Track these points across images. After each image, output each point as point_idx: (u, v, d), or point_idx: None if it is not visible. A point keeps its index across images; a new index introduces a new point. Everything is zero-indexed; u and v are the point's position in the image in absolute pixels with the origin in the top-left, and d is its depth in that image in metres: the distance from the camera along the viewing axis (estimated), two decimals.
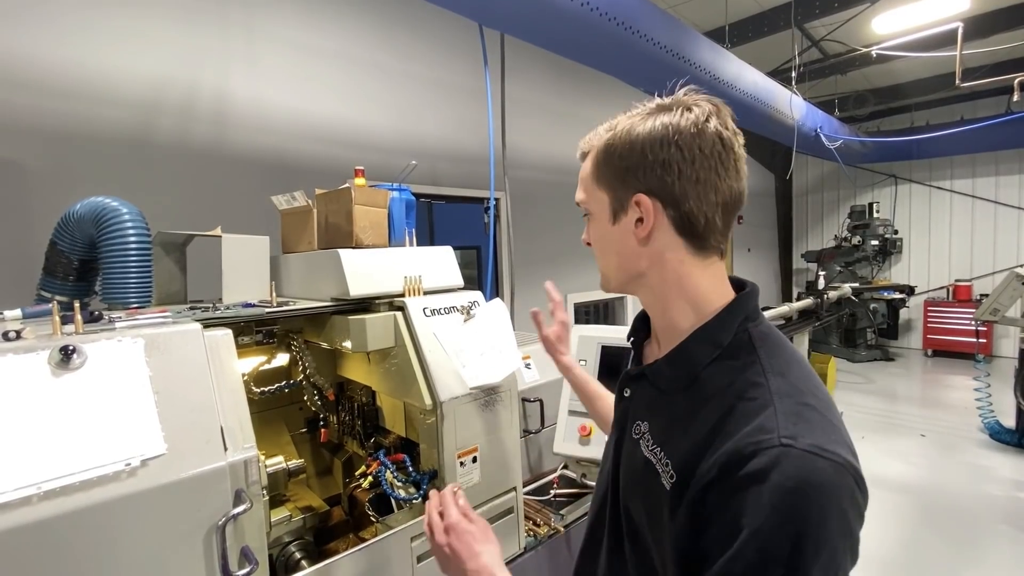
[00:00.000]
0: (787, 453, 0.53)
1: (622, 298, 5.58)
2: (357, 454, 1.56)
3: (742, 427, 0.57)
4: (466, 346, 1.30)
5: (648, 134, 0.65)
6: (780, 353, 0.65)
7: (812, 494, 0.52)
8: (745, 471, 0.54)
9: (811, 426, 0.56)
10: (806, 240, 9.00)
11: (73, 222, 1.28)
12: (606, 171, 0.70)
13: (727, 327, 0.66)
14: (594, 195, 0.73)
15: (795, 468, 0.53)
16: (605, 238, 0.73)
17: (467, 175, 3.90)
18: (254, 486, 0.93)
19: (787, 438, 0.54)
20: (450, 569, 0.81)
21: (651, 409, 0.71)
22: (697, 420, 0.62)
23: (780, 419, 0.56)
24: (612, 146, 0.69)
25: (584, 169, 0.75)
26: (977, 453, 4.20)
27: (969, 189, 7.55)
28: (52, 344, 0.83)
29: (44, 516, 0.73)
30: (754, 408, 0.58)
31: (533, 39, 2.68)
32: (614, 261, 0.73)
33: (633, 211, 0.68)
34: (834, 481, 0.53)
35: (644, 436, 0.69)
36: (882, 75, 6.47)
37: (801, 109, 4.88)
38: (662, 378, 0.69)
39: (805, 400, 0.59)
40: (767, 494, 0.52)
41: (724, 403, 0.61)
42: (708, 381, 0.64)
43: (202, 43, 2.67)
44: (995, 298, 4.03)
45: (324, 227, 1.48)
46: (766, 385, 0.60)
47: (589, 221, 0.76)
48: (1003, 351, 7.13)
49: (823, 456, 0.54)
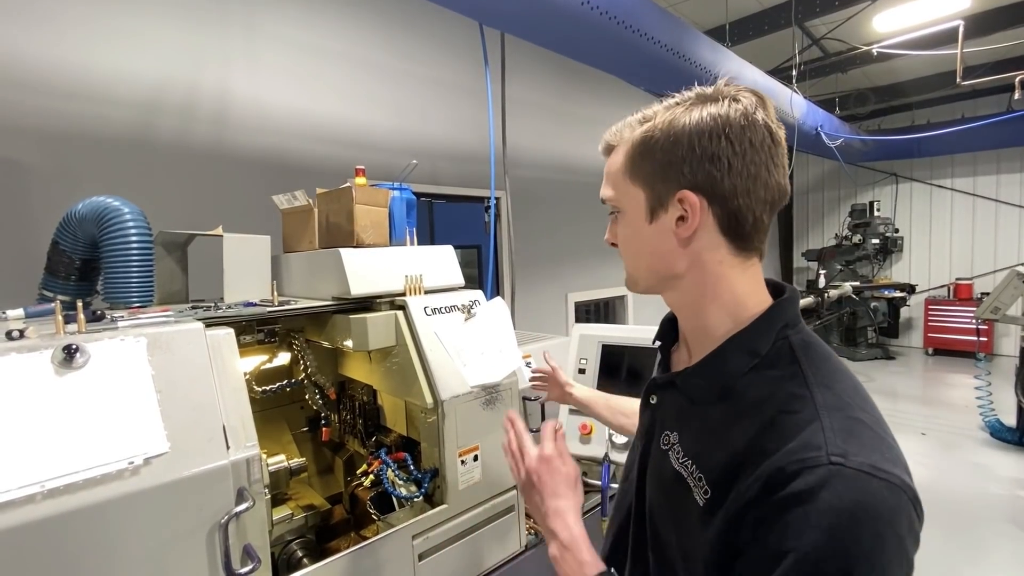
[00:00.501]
0: (839, 472, 0.49)
1: (623, 297, 5.57)
2: (358, 453, 1.57)
3: (786, 442, 0.52)
4: (467, 345, 1.30)
5: (696, 125, 0.60)
6: (824, 363, 0.60)
7: (865, 518, 0.47)
8: (790, 490, 0.49)
9: (862, 443, 0.52)
10: (807, 239, 8.99)
11: (75, 222, 1.28)
12: (644, 166, 0.64)
13: (766, 335, 0.61)
14: (626, 192, 0.67)
15: (847, 489, 0.48)
16: (638, 238, 0.67)
17: (468, 174, 3.90)
18: (256, 484, 0.94)
19: (837, 456, 0.50)
20: (530, 499, 0.80)
21: (681, 419, 0.67)
22: (733, 434, 0.57)
23: (828, 435, 0.52)
24: (652, 139, 0.63)
25: (613, 163, 0.69)
26: (978, 452, 4.20)
27: (970, 187, 7.53)
28: (55, 343, 0.83)
29: (48, 514, 0.73)
30: (798, 422, 0.54)
31: (533, 38, 2.68)
32: (646, 262, 0.67)
33: (674, 209, 0.62)
34: (890, 504, 0.49)
35: (673, 448, 0.65)
36: (883, 73, 6.46)
37: (802, 108, 4.88)
38: (693, 387, 0.65)
39: (854, 415, 0.55)
40: (815, 516, 0.48)
41: (763, 416, 0.56)
42: (745, 392, 0.60)
43: (203, 43, 2.67)
44: (996, 296, 4.03)
45: (325, 226, 1.48)
46: (810, 397, 0.55)
47: (617, 219, 0.70)
48: (1004, 349, 7.12)
49: (877, 476, 0.49)
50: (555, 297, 4.83)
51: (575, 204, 4.85)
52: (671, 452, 0.65)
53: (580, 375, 1.69)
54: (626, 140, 0.67)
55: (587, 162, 4.98)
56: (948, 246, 7.77)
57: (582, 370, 1.69)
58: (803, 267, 8.74)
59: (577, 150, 4.89)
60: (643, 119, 0.66)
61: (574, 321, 4.89)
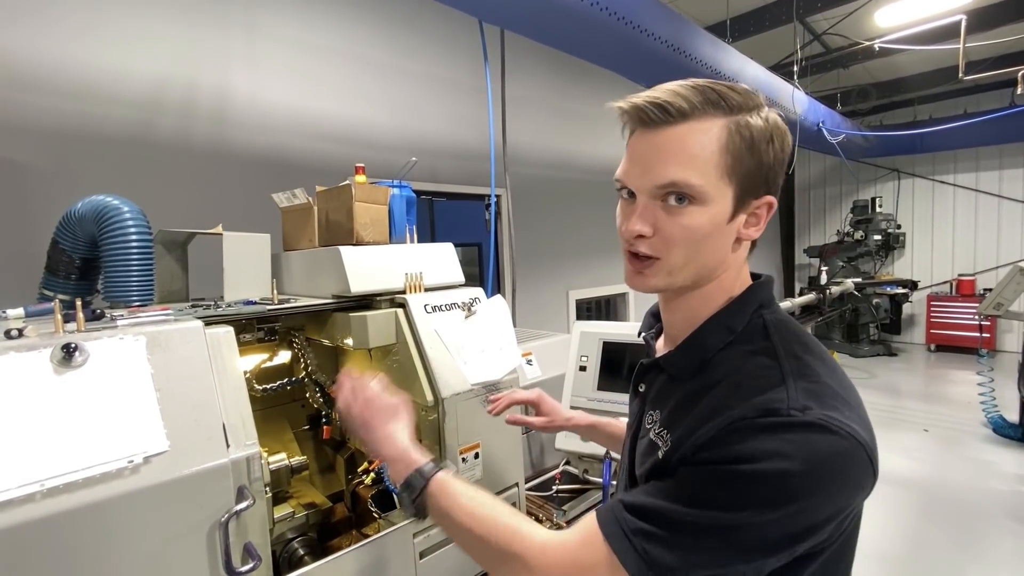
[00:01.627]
0: (794, 421, 0.52)
1: (624, 294, 5.57)
2: (359, 451, 1.57)
3: (750, 398, 0.55)
4: (467, 343, 1.30)
5: (787, 131, 0.63)
6: (796, 339, 0.62)
7: (815, 460, 0.51)
8: (746, 427, 0.53)
9: (823, 402, 0.54)
10: (808, 235, 8.97)
11: (74, 221, 1.28)
12: (748, 161, 0.60)
13: (741, 313, 0.65)
14: (717, 182, 0.60)
15: (801, 437, 0.51)
16: (712, 235, 0.62)
17: (468, 172, 3.90)
18: (256, 483, 0.93)
19: (796, 410, 0.52)
20: (366, 437, 0.85)
21: (662, 397, 0.69)
22: (702, 399, 0.60)
23: (791, 393, 0.54)
24: (763, 137, 0.60)
25: (697, 144, 0.59)
26: (980, 448, 4.19)
27: (972, 183, 7.51)
28: (54, 342, 0.83)
29: (47, 513, 0.73)
30: (763, 386, 0.56)
31: (532, 34, 2.67)
32: (704, 259, 0.63)
33: (749, 209, 0.63)
34: (839, 449, 0.52)
35: (655, 424, 0.68)
36: (885, 69, 6.43)
37: (803, 104, 4.86)
38: (674, 366, 0.68)
39: (820, 380, 0.57)
40: (767, 443, 0.51)
41: (732, 383, 0.59)
42: (719, 365, 0.63)
43: (202, 41, 2.67)
44: (998, 292, 4.01)
45: (325, 224, 1.48)
46: (779, 367, 0.58)
47: (680, 209, 0.60)
48: (1006, 346, 7.10)
49: (831, 426, 0.52)
50: (556, 295, 4.82)
51: (576, 201, 4.84)
52: (652, 429, 0.68)
53: (581, 372, 1.68)
54: (720, 124, 0.59)
55: (588, 159, 4.97)
56: (950, 242, 7.74)
57: (583, 367, 1.68)
58: (805, 264, 8.72)
59: (578, 147, 4.87)
60: (732, 105, 0.59)
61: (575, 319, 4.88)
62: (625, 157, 0.66)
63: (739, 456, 0.52)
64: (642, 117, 0.61)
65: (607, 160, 5.10)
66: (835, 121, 5.72)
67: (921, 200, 7.96)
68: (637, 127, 0.63)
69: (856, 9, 4.63)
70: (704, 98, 0.59)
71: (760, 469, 0.51)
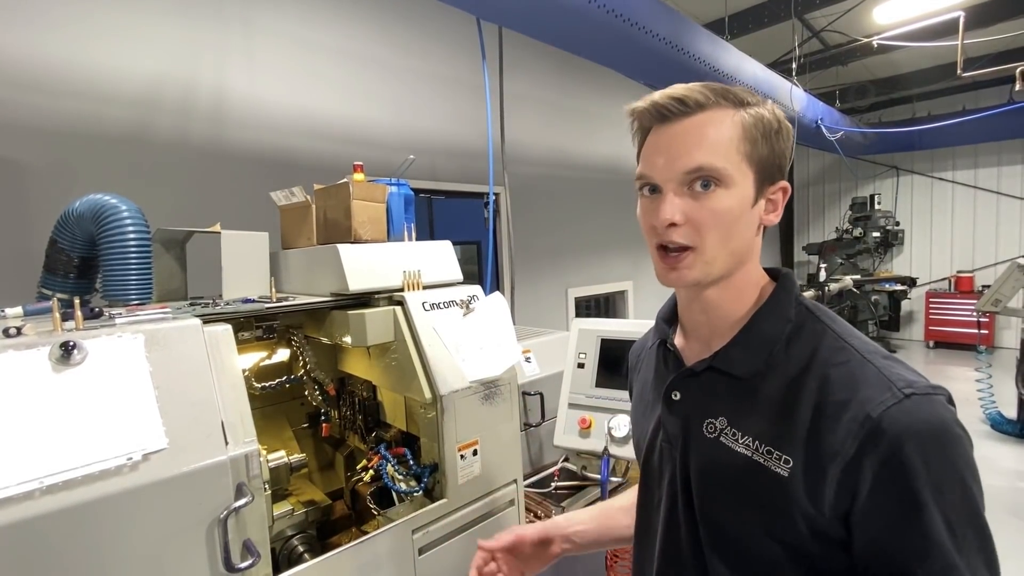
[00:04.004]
0: (916, 400, 0.55)
1: (623, 292, 5.57)
2: (358, 448, 1.57)
3: (853, 392, 0.57)
4: (466, 340, 1.30)
5: (790, 124, 0.67)
6: (838, 319, 0.66)
7: (950, 427, 0.54)
8: (889, 433, 0.53)
9: (909, 371, 0.58)
10: (807, 232, 8.97)
11: (72, 220, 1.28)
12: (763, 147, 0.63)
13: (788, 302, 0.66)
14: (739, 167, 0.62)
15: (928, 411, 0.54)
16: (741, 218, 0.63)
17: (466, 170, 3.90)
18: (255, 480, 0.94)
19: (907, 387, 0.55)
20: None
21: (724, 401, 0.66)
22: (792, 399, 0.60)
23: (886, 373, 0.57)
24: (772, 125, 0.64)
25: (717, 131, 0.61)
26: (979, 444, 4.10)
27: (971, 180, 7.51)
28: (53, 340, 0.83)
29: (46, 510, 0.74)
30: (852, 371, 0.58)
31: (531, 32, 2.66)
32: (734, 245, 0.64)
33: (767, 196, 0.66)
34: (952, 411, 0.56)
35: (725, 432, 0.64)
36: (883, 65, 6.43)
37: (802, 101, 4.86)
38: (736, 364, 0.65)
39: (886, 353, 0.61)
40: (923, 448, 0.53)
41: (816, 374, 0.60)
42: (788, 358, 0.63)
43: (199, 39, 2.66)
44: (997, 289, 4.02)
45: (323, 222, 1.48)
46: (850, 348, 0.61)
47: (707, 194, 0.61)
48: (1005, 342, 7.11)
49: (937, 392, 0.56)
50: (555, 292, 4.82)
51: (575, 199, 4.84)
52: (723, 437, 0.65)
53: (579, 369, 1.69)
54: (734, 114, 0.62)
55: (586, 157, 4.96)
56: (949, 239, 7.75)
57: (581, 364, 1.69)
58: (803, 261, 8.72)
59: (576, 144, 4.87)
60: (737, 99, 0.63)
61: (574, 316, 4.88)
62: (644, 155, 0.66)
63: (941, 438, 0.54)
64: (662, 112, 0.63)
65: (606, 157, 5.10)
66: (834, 118, 5.72)
67: (920, 197, 7.96)
68: (655, 123, 0.65)
69: (855, 6, 4.63)
70: (716, 93, 0.63)
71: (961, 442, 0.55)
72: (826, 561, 0.59)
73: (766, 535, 0.61)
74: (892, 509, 0.53)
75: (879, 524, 0.54)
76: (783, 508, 0.59)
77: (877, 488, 0.54)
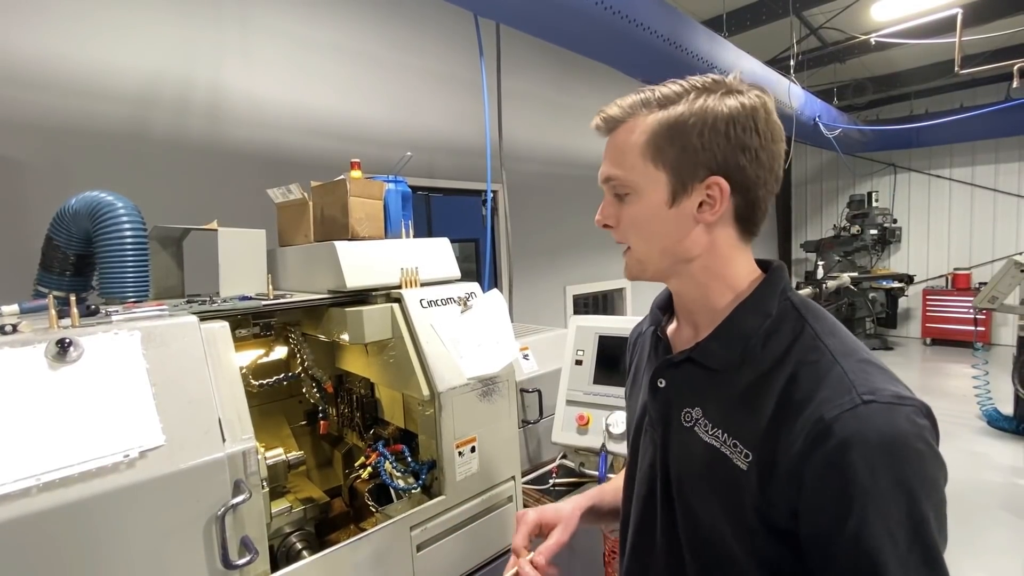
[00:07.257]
0: (874, 408, 0.54)
1: (622, 289, 5.57)
2: (357, 446, 1.57)
3: (815, 392, 0.57)
4: (463, 337, 1.30)
5: (730, 114, 0.62)
6: (824, 317, 0.65)
7: (909, 441, 0.53)
8: (838, 437, 0.53)
9: (879, 379, 0.57)
10: (805, 230, 8.99)
11: (68, 217, 1.27)
12: (671, 149, 0.64)
13: (772, 297, 0.66)
14: (644, 173, 0.65)
15: (886, 421, 0.53)
16: (656, 221, 0.66)
17: (464, 167, 3.89)
18: (253, 477, 0.94)
19: (867, 394, 0.55)
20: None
21: (701, 392, 0.68)
22: (759, 393, 0.61)
23: (851, 377, 0.56)
24: (685, 123, 0.63)
25: (625, 142, 0.66)
26: (975, 440, 4.22)
27: (968, 177, 7.52)
28: (49, 337, 0.83)
29: (43, 507, 0.73)
30: (819, 371, 0.58)
31: (528, 28, 2.66)
32: (660, 245, 0.67)
33: (698, 194, 0.64)
34: (920, 424, 0.55)
35: (699, 422, 0.66)
36: (881, 63, 6.43)
37: (799, 98, 4.86)
38: (712, 356, 0.66)
39: (863, 356, 0.60)
40: (868, 454, 0.52)
41: (785, 371, 0.60)
42: (763, 352, 0.63)
43: (196, 36, 2.65)
44: (994, 286, 4.03)
45: (320, 220, 1.48)
46: (824, 347, 0.60)
47: (624, 200, 0.68)
48: (1001, 339, 7.14)
49: (904, 404, 0.55)
50: (553, 290, 4.83)
51: (573, 196, 4.83)
52: (697, 427, 0.67)
53: (577, 366, 1.69)
54: (645, 121, 0.65)
55: (584, 154, 4.96)
56: (946, 236, 7.77)
57: (579, 361, 1.69)
58: (801, 258, 8.74)
59: (574, 142, 4.87)
60: (662, 100, 0.65)
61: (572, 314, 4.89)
62: None
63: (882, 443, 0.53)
64: (600, 129, 0.70)
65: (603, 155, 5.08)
66: (831, 115, 5.72)
67: (917, 194, 7.98)
68: None
69: (853, 3, 4.63)
70: (640, 101, 0.66)
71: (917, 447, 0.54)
72: (785, 565, 0.59)
73: (728, 527, 0.63)
74: (830, 510, 0.54)
75: (817, 522, 0.55)
76: (739, 501, 0.60)
77: (818, 487, 0.54)
